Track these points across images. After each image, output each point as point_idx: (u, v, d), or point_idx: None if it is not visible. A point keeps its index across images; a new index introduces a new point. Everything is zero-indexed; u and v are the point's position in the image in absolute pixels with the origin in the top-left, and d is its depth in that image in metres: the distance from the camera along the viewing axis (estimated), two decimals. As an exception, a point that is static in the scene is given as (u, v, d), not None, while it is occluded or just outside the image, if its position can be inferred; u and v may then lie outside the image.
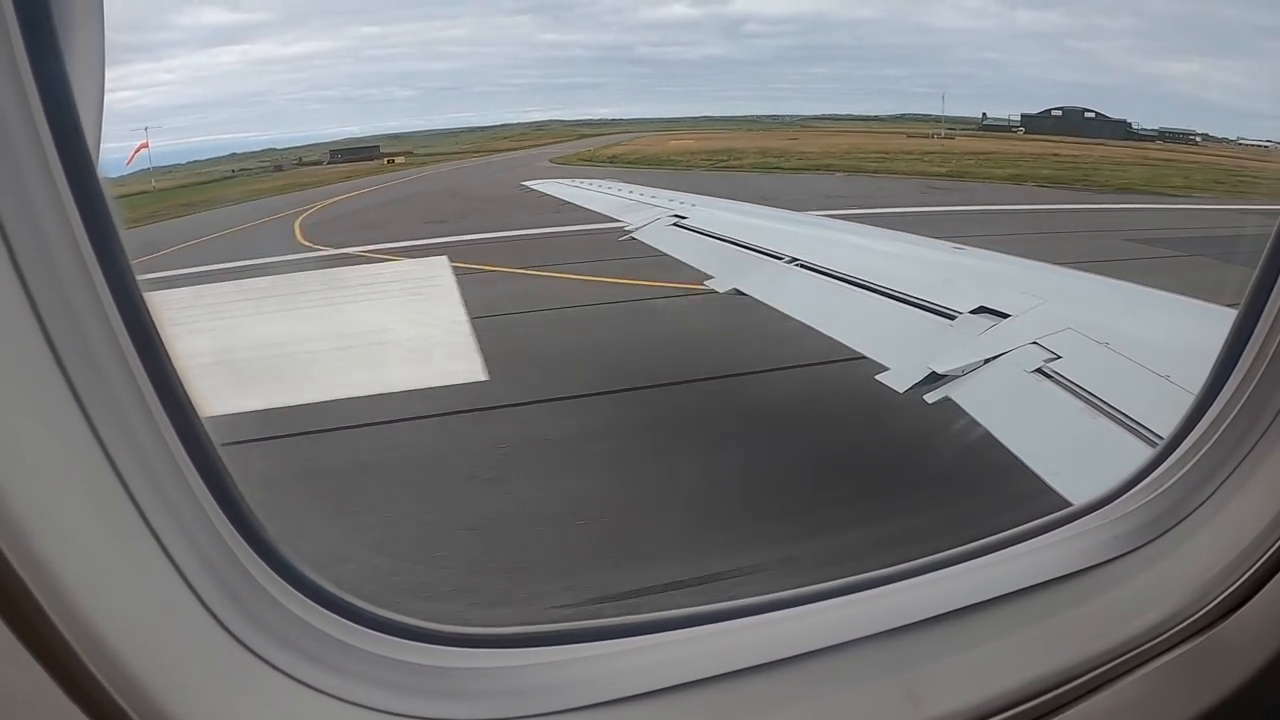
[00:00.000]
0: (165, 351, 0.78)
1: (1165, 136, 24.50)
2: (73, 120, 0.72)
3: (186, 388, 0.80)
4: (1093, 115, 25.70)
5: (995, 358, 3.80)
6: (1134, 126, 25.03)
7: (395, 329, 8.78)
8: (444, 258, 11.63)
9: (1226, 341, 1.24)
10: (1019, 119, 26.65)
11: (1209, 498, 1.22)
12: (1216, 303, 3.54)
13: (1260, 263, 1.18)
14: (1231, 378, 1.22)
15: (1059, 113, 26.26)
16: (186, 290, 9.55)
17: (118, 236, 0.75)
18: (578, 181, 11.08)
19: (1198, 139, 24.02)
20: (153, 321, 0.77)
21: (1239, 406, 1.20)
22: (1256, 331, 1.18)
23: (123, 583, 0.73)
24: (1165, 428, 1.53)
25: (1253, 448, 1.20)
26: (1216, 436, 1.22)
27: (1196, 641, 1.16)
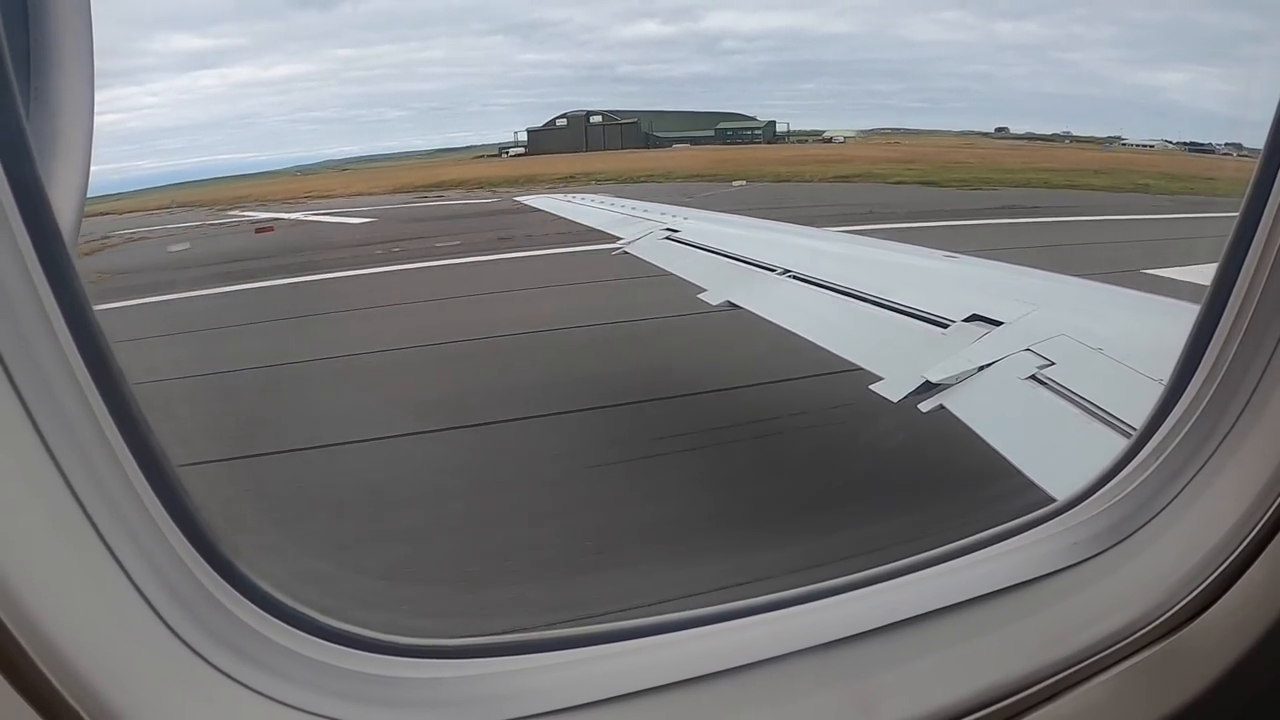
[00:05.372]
0: (115, 367, 0.80)
1: (728, 137, 22.82)
2: (21, 141, 0.73)
3: (137, 403, 0.82)
4: (599, 119, 23.28)
5: (989, 365, 3.79)
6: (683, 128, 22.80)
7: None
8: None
9: (1188, 342, 1.22)
10: (525, 135, 23.00)
11: (1171, 502, 1.21)
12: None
13: (1221, 259, 1.17)
14: (1193, 380, 1.20)
15: (564, 121, 23.19)
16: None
17: (67, 254, 0.76)
18: (569, 196, 11.11)
19: (772, 134, 22.69)
20: (103, 339, 0.79)
21: (1200, 409, 1.19)
22: (1219, 330, 1.17)
23: (74, 589, 0.76)
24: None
25: (1216, 450, 1.18)
26: (1179, 440, 1.21)
27: (1159, 647, 1.14)
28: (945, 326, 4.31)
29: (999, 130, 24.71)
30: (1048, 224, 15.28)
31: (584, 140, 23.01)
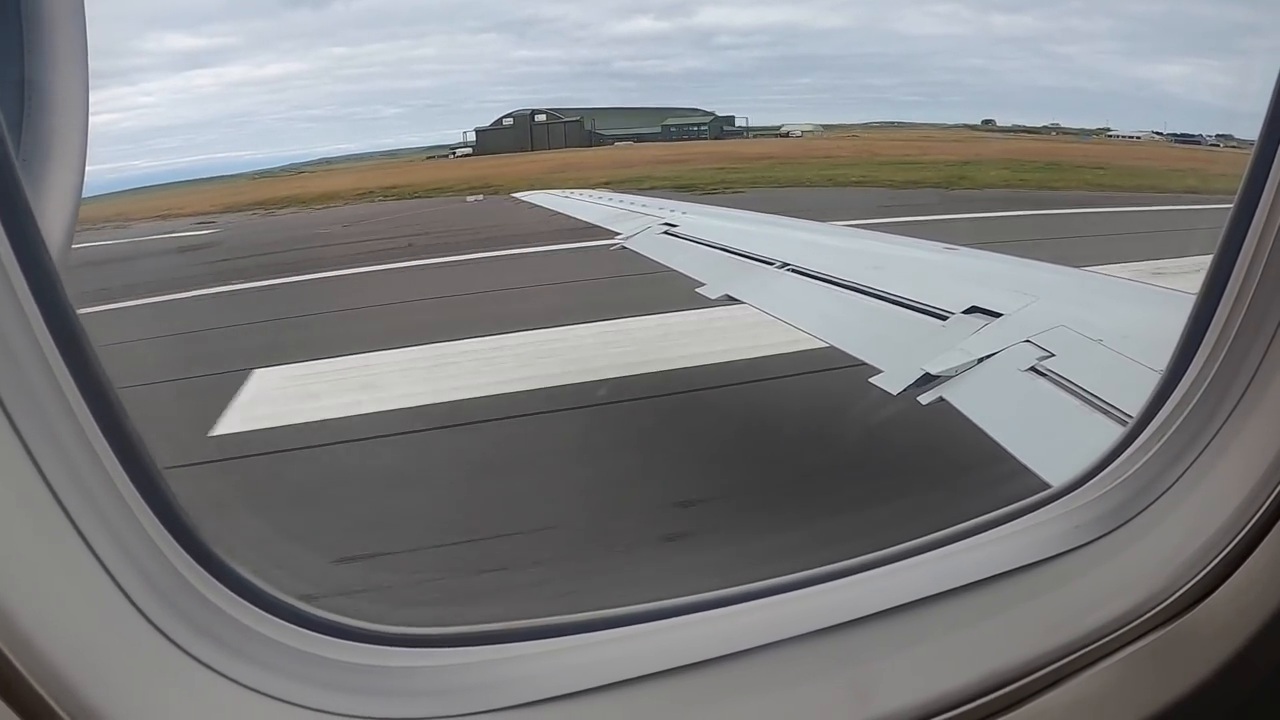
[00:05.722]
0: (93, 358, 0.79)
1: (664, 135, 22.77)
2: None
3: (115, 394, 0.81)
4: (544, 117, 22.91)
5: (988, 357, 3.78)
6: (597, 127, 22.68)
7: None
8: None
9: (1187, 324, 1.21)
10: (473, 136, 22.46)
11: (1174, 484, 1.19)
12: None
13: (1218, 244, 1.16)
14: (1194, 362, 1.19)
15: (510, 120, 22.74)
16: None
17: (42, 244, 0.75)
18: (568, 192, 11.10)
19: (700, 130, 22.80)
20: (80, 332, 0.78)
21: (1202, 390, 1.17)
22: (1218, 314, 1.16)
23: (48, 582, 0.74)
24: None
25: (1217, 432, 1.17)
26: (1180, 421, 1.19)
27: (1164, 631, 1.13)
28: (944, 319, 4.29)
29: (985, 123, 24.92)
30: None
31: (529, 139, 22.83)
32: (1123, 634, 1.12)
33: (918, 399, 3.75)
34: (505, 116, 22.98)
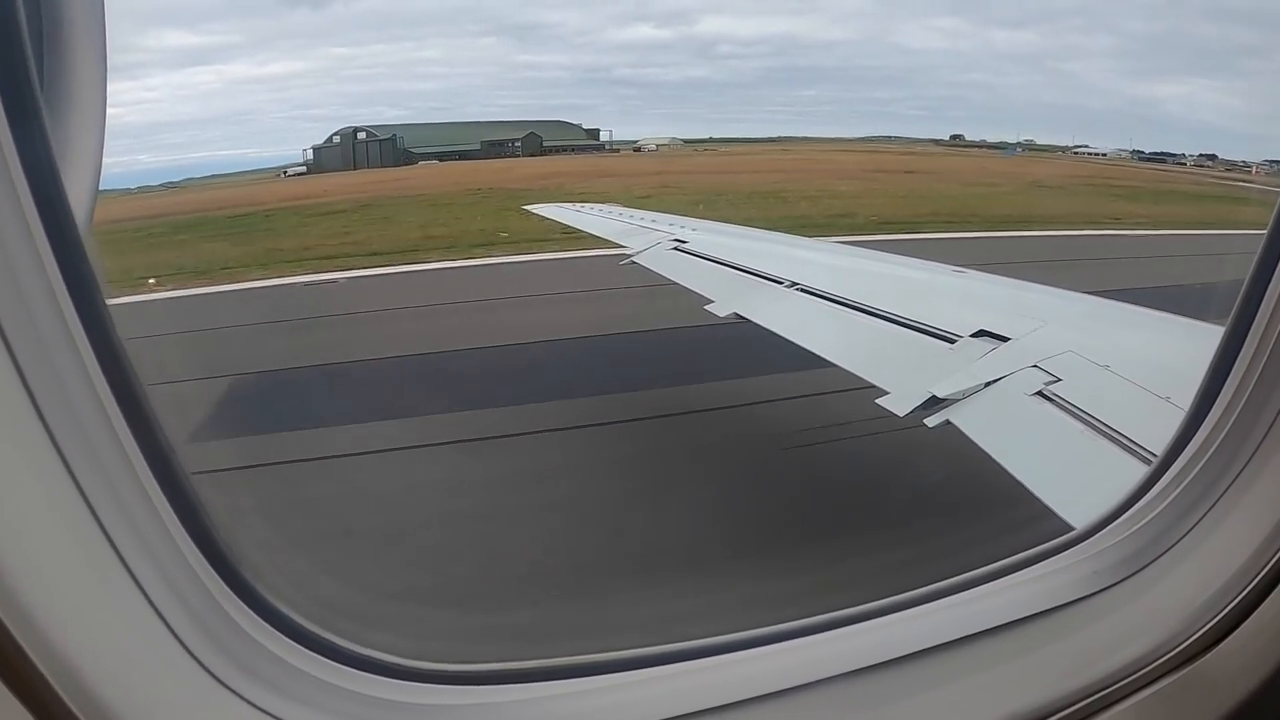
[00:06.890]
0: (133, 374, 0.79)
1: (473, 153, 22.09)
2: (39, 132, 0.72)
3: (153, 409, 0.81)
4: (364, 136, 22.11)
5: (995, 381, 3.78)
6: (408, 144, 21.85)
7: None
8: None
9: (1207, 373, 1.22)
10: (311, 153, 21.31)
11: (1191, 530, 1.20)
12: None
13: (1243, 288, 1.16)
14: (1214, 408, 1.20)
15: (338, 139, 21.86)
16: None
17: (88, 261, 0.75)
18: (579, 206, 11.16)
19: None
20: (125, 356, 0.78)
21: (1221, 436, 1.18)
22: (1239, 360, 1.16)
23: (94, 613, 0.75)
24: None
25: (1234, 479, 1.18)
26: (1199, 467, 1.20)
27: (1177, 675, 1.14)
28: (952, 342, 4.30)
29: (954, 138, 25.14)
30: None
31: (353, 158, 22.23)
32: (1139, 678, 1.13)
33: (924, 421, 3.75)
34: (335, 134, 22.30)
